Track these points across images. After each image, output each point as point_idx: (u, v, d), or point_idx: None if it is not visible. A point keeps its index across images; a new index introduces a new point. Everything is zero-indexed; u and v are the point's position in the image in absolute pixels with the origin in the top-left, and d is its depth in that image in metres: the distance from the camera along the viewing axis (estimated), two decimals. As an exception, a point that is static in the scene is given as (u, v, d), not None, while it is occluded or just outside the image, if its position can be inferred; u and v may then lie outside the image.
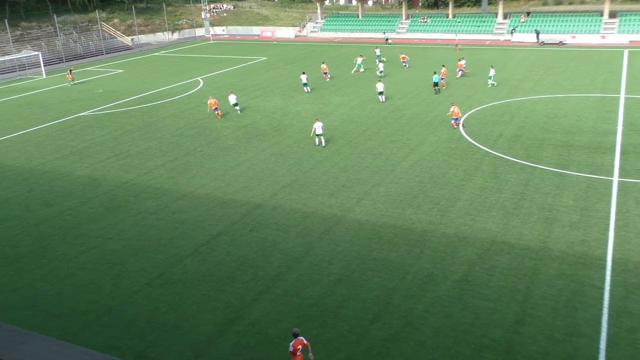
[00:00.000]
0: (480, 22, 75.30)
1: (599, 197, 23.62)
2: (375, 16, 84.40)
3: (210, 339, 15.59)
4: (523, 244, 19.98)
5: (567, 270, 18.26)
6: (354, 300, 17.14)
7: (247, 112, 40.12)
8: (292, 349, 13.59)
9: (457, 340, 15.13)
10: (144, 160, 30.69)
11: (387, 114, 38.04)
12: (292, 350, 13.62)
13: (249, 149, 31.77)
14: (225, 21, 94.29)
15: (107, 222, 23.24)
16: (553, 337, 15.14)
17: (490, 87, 44.43)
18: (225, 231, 21.98)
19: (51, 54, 68.53)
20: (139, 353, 15.09)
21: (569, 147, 29.87)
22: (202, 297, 17.59)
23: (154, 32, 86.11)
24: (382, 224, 22.02)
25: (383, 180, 26.43)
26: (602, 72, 48.45)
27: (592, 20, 69.15)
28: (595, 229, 20.86)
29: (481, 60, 56.93)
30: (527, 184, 25.18)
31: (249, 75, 54.66)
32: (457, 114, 33.64)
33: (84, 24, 78.18)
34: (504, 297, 16.96)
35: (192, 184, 26.95)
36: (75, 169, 29.86)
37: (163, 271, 19.22)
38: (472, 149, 30.15)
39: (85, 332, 16.03)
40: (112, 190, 26.63)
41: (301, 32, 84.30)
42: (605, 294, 16.88)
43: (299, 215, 23.11)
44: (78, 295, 18.01)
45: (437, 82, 43.19)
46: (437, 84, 43.13)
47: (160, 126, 37.43)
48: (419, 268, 18.75)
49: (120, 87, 51.06)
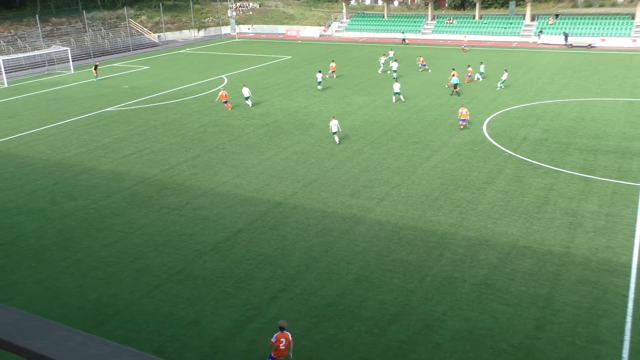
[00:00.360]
0: (508, 24, 74.37)
1: (625, 203, 23.16)
2: (400, 16, 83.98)
3: (227, 336, 15.68)
4: (545, 249, 19.69)
5: (590, 276, 17.94)
6: (372, 301, 17.08)
7: (270, 111, 40.27)
8: (275, 340, 13.63)
9: (475, 345, 14.97)
10: (167, 157, 31.02)
11: (410, 114, 37.83)
12: (273, 341, 13.66)
13: (271, 147, 31.89)
14: (251, 19, 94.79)
15: (130, 217, 23.54)
16: (574, 344, 14.88)
17: (499, 89, 43.89)
18: (245, 229, 22.09)
19: (79, 49, 69.66)
20: (157, 347, 15.25)
21: (595, 151, 29.34)
22: (221, 294, 17.70)
23: (180, 29, 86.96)
24: (402, 225, 21.90)
25: (404, 181, 26.29)
26: (632, 76, 47.48)
27: (623, 23, 67.79)
28: (621, 236, 20.45)
29: (507, 62, 56.23)
30: (551, 188, 24.80)
31: (273, 73, 54.85)
32: (465, 115, 33.94)
33: (112, 21, 79.35)
34: (525, 302, 16.73)
35: (213, 181, 27.15)
36: (100, 163, 30.31)
37: (183, 267, 19.40)
38: (495, 152, 29.81)
39: (105, 325, 16.26)
40: (135, 186, 26.97)
41: (326, 32, 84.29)
42: (629, 302, 16.53)
43: (319, 214, 23.12)
44: (99, 288, 18.27)
45: (457, 84, 42.74)
46: (456, 85, 42.73)
47: (184, 123, 37.79)
48: (438, 270, 18.60)
49: (145, 84, 51.68)
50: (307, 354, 14.79)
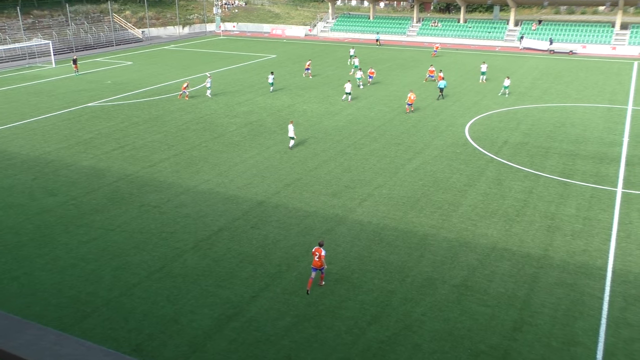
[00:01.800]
0: (492, 28, 75.10)
1: (602, 207, 23.54)
2: (386, 18, 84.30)
3: (207, 334, 15.62)
4: (524, 252, 19.94)
5: (567, 279, 18.21)
6: (352, 301, 17.14)
7: (253, 109, 40.17)
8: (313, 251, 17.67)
9: (454, 345, 15.11)
10: (149, 153, 30.78)
11: (393, 116, 38.02)
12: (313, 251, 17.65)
13: (254, 146, 31.81)
14: (236, 17, 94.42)
15: (110, 214, 23.32)
16: (550, 345, 15.09)
17: (501, 95, 43.82)
18: (227, 227, 22.01)
19: (61, 43, 68.75)
20: (136, 346, 15.13)
21: (575, 156, 29.79)
22: (201, 292, 17.62)
23: (164, 25, 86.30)
24: (384, 225, 22.01)
25: (386, 182, 26.42)
26: (611, 83, 48.28)
27: (603, 30, 68.87)
28: (597, 239, 20.79)
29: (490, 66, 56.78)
30: (530, 192, 25.11)
31: (258, 72, 54.70)
32: (412, 100, 37.69)
33: (95, 15, 78.43)
34: (503, 303, 16.93)
35: (195, 179, 27.01)
36: (81, 159, 29.96)
37: (163, 265, 19.27)
38: (476, 155, 30.10)
39: (83, 323, 16.08)
40: (116, 182, 26.71)
41: (311, 31, 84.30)
42: (604, 305, 16.82)
43: (301, 214, 23.13)
44: (78, 285, 18.07)
45: (442, 88, 42.73)
46: (442, 89, 42.68)
47: (167, 120, 37.52)
48: (418, 271, 18.73)
49: (129, 79, 51.21)
50: (287, 353, 14.80)
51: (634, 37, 66.41)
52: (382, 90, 46.09)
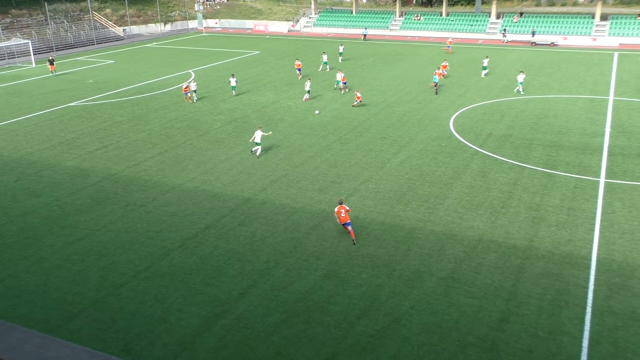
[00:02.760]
0: (474, 21, 75.47)
1: (585, 197, 23.83)
2: (369, 12, 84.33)
3: (196, 332, 15.57)
4: (510, 243, 20.12)
5: (552, 269, 18.42)
6: (340, 296, 17.18)
7: (238, 106, 40.00)
8: (336, 211, 20.19)
9: (443, 337, 15.23)
10: (133, 152, 30.52)
11: (378, 110, 38.09)
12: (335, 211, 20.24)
13: (240, 143, 31.69)
14: (219, 14, 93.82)
15: (95, 214, 23.11)
16: (537, 335, 15.27)
17: (516, 93, 41.72)
18: (214, 225, 21.93)
19: (41, 42, 67.86)
20: (124, 346, 15.04)
21: (558, 147, 30.09)
22: (189, 291, 17.56)
23: (146, 23, 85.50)
24: (371, 220, 22.08)
25: (372, 176, 26.48)
26: (592, 74, 48.79)
27: (583, 22, 69.53)
28: (581, 229, 21.05)
29: (474, 59, 57.10)
30: (515, 183, 25.33)
31: (241, 69, 54.46)
32: (359, 97, 38.61)
33: (75, 13, 77.46)
34: (490, 295, 17.08)
35: (181, 177, 26.85)
36: (64, 159, 29.64)
37: (150, 264, 19.16)
38: (461, 148, 30.28)
39: (70, 324, 15.95)
40: (101, 182, 26.47)
41: (294, 27, 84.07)
42: (589, 293, 17.05)
43: (288, 210, 23.11)
44: (64, 286, 17.91)
45: (437, 82, 42.36)
46: (436, 84, 42.29)
47: (151, 118, 37.23)
48: (406, 265, 18.82)
49: (110, 78, 50.70)
50: (277, 349, 14.82)
51: (614, 28, 67.16)
52: (367, 84, 46.14)
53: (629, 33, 66.23)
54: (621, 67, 51.41)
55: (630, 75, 47.82)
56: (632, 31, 66.36)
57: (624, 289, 17.23)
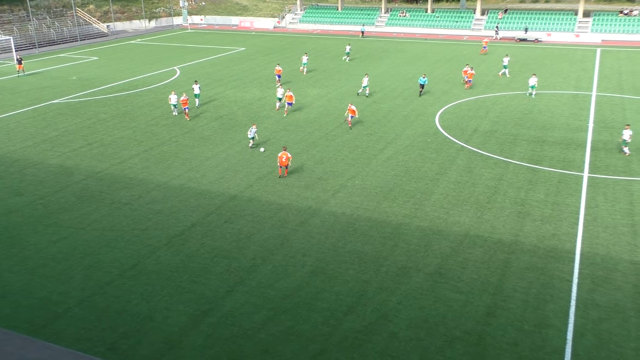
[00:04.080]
0: (459, 18, 75.79)
1: (569, 192, 24.08)
2: (354, 9, 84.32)
3: (183, 330, 15.50)
4: (496, 238, 20.28)
5: (537, 263, 18.60)
6: (328, 292, 17.20)
7: (223, 103, 39.82)
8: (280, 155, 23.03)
9: (430, 332, 15.31)
10: (118, 150, 30.26)
11: (364, 107, 38.12)
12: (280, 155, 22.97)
13: (225, 140, 31.56)
14: (204, 10, 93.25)
15: (80, 212, 22.89)
16: (523, 328, 15.42)
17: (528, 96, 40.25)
18: (200, 222, 21.83)
19: (23, 39, 66.94)
20: (110, 345, 14.93)
21: (542, 142, 30.35)
22: (176, 289, 17.47)
23: (130, 19, 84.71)
24: (358, 216, 22.12)
25: (359, 173, 26.52)
26: (576, 70, 49.27)
27: (567, 19, 70.17)
28: (566, 223, 21.27)
29: (459, 55, 57.37)
30: (500, 179, 25.52)
31: (227, 65, 54.21)
32: (353, 111, 32.76)
33: (57, 9, 76.53)
34: (476, 289, 17.21)
35: (166, 175, 26.68)
36: (47, 157, 29.30)
37: (136, 262, 19.03)
38: (447, 143, 30.43)
39: (55, 324, 15.79)
40: (85, 180, 26.22)
41: (280, 23, 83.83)
42: (573, 287, 17.25)
43: (274, 207, 23.08)
44: (48, 286, 17.72)
45: (423, 85, 40.74)
46: (423, 85, 40.77)
47: (136, 115, 36.93)
48: (393, 260, 18.89)
49: (94, 75, 50.18)
50: (264, 346, 14.80)
51: (596, 24, 67.86)
52: (352, 81, 46.17)
53: (611, 30, 66.98)
54: (603, 63, 51.97)
55: (613, 71, 48.37)
56: (614, 28, 67.13)
57: (607, 282, 17.46)
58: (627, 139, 28.01)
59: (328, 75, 48.58)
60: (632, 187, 24.41)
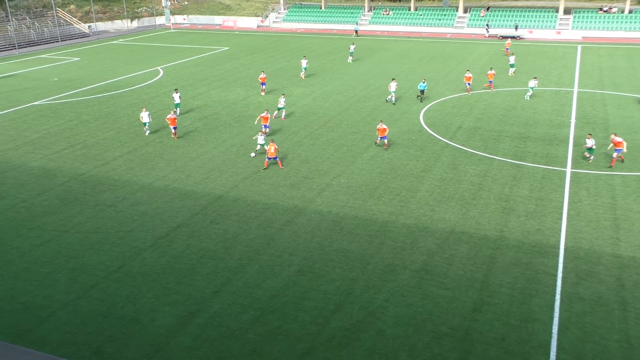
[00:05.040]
0: (442, 16, 76.17)
1: (553, 187, 24.33)
2: (338, 7, 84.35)
3: (170, 332, 15.40)
4: (481, 234, 20.42)
5: (522, 258, 18.77)
6: (315, 291, 17.20)
7: (208, 103, 39.61)
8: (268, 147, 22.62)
9: (417, 329, 15.38)
10: (101, 151, 29.97)
11: (349, 105, 38.17)
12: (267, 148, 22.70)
13: (210, 140, 31.41)
14: (186, 10, 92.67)
15: (63, 215, 22.63)
16: (509, 323, 15.56)
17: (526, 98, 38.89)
18: (185, 223, 21.71)
19: (2, 40, 66.02)
20: (96, 348, 14.79)
21: (526, 139, 30.62)
22: (162, 290, 17.35)
23: (112, 19, 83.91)
24: (344, 215, 22.14)
25: (344, 171, 26.55)
26: (557, 67, 49.77)
27: (548, 16, 70.87)
28: (550, 218, 21.49)
29: (442, 53, 57.67)
30: (485, 175, 25.70)
31: (211, 65, 53.94)
32: (383, 131, 29.09)
33: (37, 9, 75.56)
34: (463, 285, 17.32)
35: (151, 176, 26.48)
36: (29, 159, 28.94)
37: (121, 264, 18.87)
38: (432, 141, 30.57)
39: (40, 329, 15.61)
40: (68, 182, 25.93)
41: (264, 23, 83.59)
42: (558, 281, 17.43)
43: (260, 206, 23.02)
44: (32, 290, 17.50)
45: (423, 90, 38.54)
46: (423, 91, 38.52)
47: (119, 116, 36.59)
48: (379, 258, 18.94)
49: (76, 76, 49.63)
50: (252, 346, 14.77)
51: (577, 21, 68.62)
52: (337, 80, 46.21)
53: (592, 27, 67.78)
54: (584, 59, 52.55)
55: (593, 68, 48.94)
56: (595, 24, 67.94)
57: (590, 276, 17.67)
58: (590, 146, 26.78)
59: (312, 73, 48.53)
60: (614, 182, 24.74)
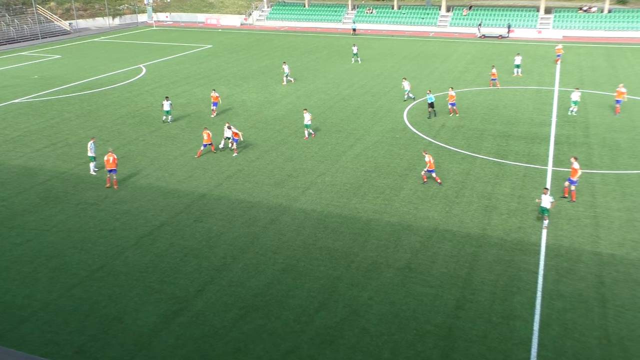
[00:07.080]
0: (425, 14, 76.53)
1: (534, 185, 24.60)
2: (321, 6, 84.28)
3: (153, 331, 15.32)
4: (464, 232, 20.59)
5: (504, 256, 18.97)
6: (299, 289, 17.22)
7: (191, 101, 39.38)
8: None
9: (401, 327, 15.48)
10: (83, 150, 29.64)
11: (333, 103, 38.21)
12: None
13: (194, 138, 31.24)
14: (169, 7, 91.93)
15: (44, 214, 22.37)
16: (491, 320, 15.72)
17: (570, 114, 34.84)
18: (169, 222, 21.58)
19: (-19, 37, 64.98)
20: (78, 348, 14.66)
21: (508, 137, 30.93)
22: (145, 289, 17.24)
23: (93, 16, 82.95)
24: (328, 213, 22.18)
25: (329, 169, 26.59)
26: (539, 66, 50.29)
27: (529, 15, 71.57)
28: (531, 216, 21.74)
29: (425, 52, 57.95)
30: (468, 173, 25.92)
31: (194, 63, 53.62)
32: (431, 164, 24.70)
33: (17, 7, 74.41)
34: (446, 283, 17.46)
35: (134, 174, 26.26)
36: (9, 158, 28.53)
37: (104, 263, 18.71)
38: (415, 139, 30.74)
39: (20, 328, 15.42)
40: (49, 181, 25.62)
41: (247, 21, 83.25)
42: (539, 278, 17.66)
43: (245, 205, 22.97)
44: (13, 289, 17.29)
45: (432, 103, 34.30)
46: (432, 104, 34.29)
47: (101, 114, 36.23)
48: (363, 256, 19.02)
49: (57, 74, 49.02)
50: (236, 345, 14.74)
51: (557, 21, 69.40)
52: (321, 78, 46.22)
53: (572, 26, 68.61)
54: (565, 58, 53.16)
55: (574, 67, 49.55)
56: (575, 24, 68.77)
57: (571, 273, 17.92)
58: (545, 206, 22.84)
59: (296, 72, 48.46)
60: (593, 180, 25.10)
